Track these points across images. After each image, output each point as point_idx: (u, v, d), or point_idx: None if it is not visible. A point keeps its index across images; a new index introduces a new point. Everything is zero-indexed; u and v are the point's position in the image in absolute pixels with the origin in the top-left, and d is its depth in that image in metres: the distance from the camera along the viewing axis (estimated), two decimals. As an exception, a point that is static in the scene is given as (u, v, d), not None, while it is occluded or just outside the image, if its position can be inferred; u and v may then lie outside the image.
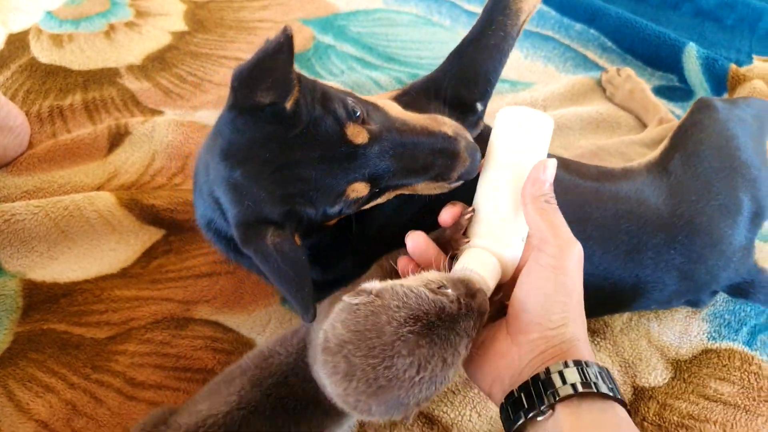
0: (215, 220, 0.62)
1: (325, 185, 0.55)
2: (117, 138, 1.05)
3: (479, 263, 0.53)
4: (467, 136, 0.58)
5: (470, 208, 0.58)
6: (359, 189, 0.56)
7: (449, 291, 0.47)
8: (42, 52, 1.24)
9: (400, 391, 0.44)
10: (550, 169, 0.52)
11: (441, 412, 0.72)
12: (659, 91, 1.19)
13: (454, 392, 0.74)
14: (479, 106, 0.73)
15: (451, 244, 0.57)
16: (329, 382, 0.46)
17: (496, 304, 0.55)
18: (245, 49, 1.26)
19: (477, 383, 0.54)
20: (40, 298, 0.84)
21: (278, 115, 0.53)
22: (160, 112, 1.12)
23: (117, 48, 1.26)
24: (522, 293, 0.50)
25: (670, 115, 1.07)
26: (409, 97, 0.73)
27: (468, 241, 0.56)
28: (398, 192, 0.61)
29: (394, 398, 0.44)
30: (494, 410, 0.73)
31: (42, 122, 1.10)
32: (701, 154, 0.77)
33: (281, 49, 0.50)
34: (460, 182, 0.58)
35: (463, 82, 0.72)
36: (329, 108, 0.54)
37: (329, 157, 0.54)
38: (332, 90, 0.58)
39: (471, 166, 0.56)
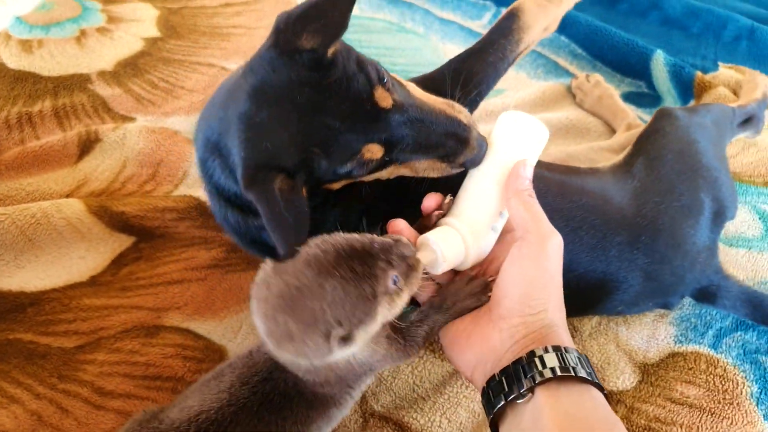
0: (214, 164, 0.63)
1: (345, 139, 0.56)
2: (87, 145, 1.04)
3: (439, 235, 0.56)
4: (477, 128, 0.61)
5: (449, 196, 0.62)
6: (374, 151, 0.58)
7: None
8: (11, 58, 1.22)
9: (313, 302, 0.46)
10: (529, 168, 0.56)
11: (411, 419, 0.72)
12: (628, 98, 1.21)
13: (423, 398, 0.74)
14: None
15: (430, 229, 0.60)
16: (257, 317, 0.49)
17: (475, 288, 0.58)
18: (218, 55, 1.26)
19: (459, 368, 0.57)
20: (6, 308, 0.82)
21: (316, 62, 0.55)
22: (131, 119, 1.11)
23: (88, 54, 1.24)
24: (505, 280, 0.53)
25: (638, 120, 1.09)
26: None
27: (442, 215, 0.61)
28: (402, 169, 0.63)
29: (308, 311, 0.46)
30: (464, 416, 0.73)
31: (10, 129, 1.08)
32: (663, 158, 0.80)
33: None
34: (461, 169, 0.62)
35: (458, 86, 0.75)
36: (363, 67, 0.57)
37: (355, 113, 0.56)
38: (363, 55, 0.61)
39: (477, 155, 0.59)
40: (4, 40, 1.25)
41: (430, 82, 0.75)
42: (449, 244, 0.55)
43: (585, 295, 0.73)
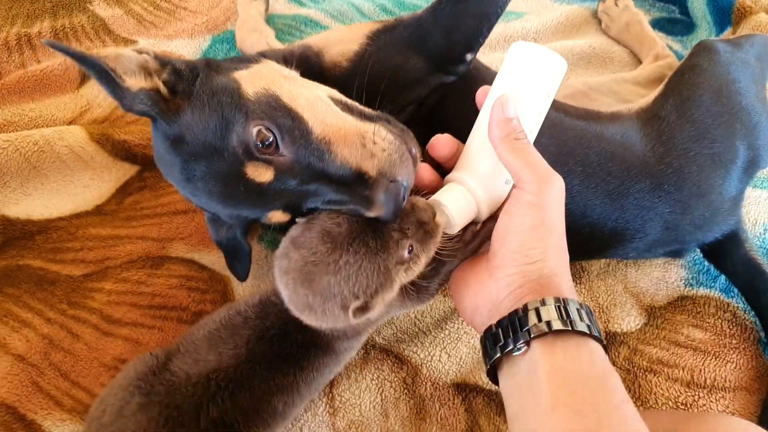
0: None
1: (242, 215, 0.55)
2: (88, 69, 1.01)
3: (450, 197, 0.52)
4: (396, 171, 0.50)
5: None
6: (277, 216, 0.54)
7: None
8: (9, -26, 1.17)
9: (329, 276, 0.47)
10: (510, 104, 0.50)
11: (411, 352, 0.73)
12: (658, 24, 1.12)
13: (424, 333, 0.75)
14: (469, 56, 0.69)
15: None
16: (280, 286, 0.51)
17: (481, 238, 0.55)
18: (223, -27, 1.19)
19: (459, 312, 0.56)
20: (15, 235, 0.83)
21: (168, 135, 0.52)
22: (133, 42, 1.07)
23: (87, -30, 1.19)
24: (501, 229, 0.50)
25: (666, 50, 1.01)
26: (390, 38, 0.69)
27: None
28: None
29: (325, 285, 0.48)
30: (464, 351, 0.73)
31: (10, 51, 1.05)
32: (698, 99, 0.73)
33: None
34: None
35: (453, 33, 0.68)
36: (226, 140, 0.50)
37: (232, 194, 0.52)
38: (241, 102, 0.52)
39: (387, 213, 0.49)
40: (0, -45, 1.19)
41: (418, 30, 0.68)
42: (460, 205, 0.52)
43: (598, 241, 0.71)
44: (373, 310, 0.50)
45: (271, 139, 0.50)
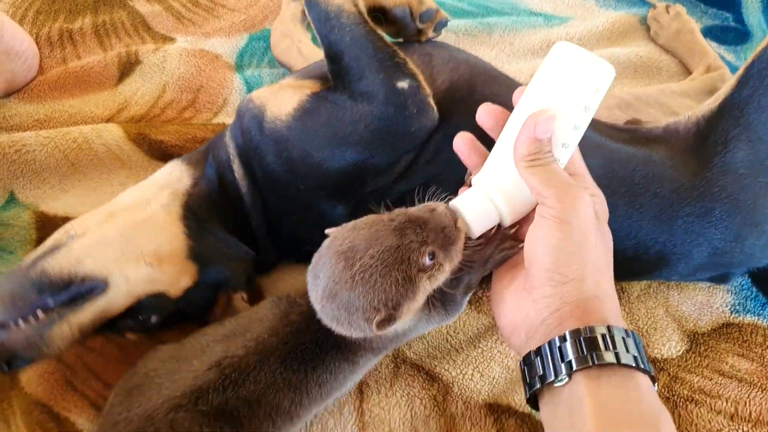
0: None
1: None
2: (127, 67, 1.01)
3: (467, 203, 0.51)
4: None
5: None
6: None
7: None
8: (52, -32, 1.18)
9: (350, 294, 0.48)
10: (543, 124, 0.46)
11: (442, 369, 0.71)
12: (710, 32, 1.08)
13: (457, 350, 0.73)
14: (400, 84, 0.65)
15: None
16: (311, 300, 0.53)
17: (506, 247, 0.54)
18: (263, -29, 1.18)
19: (499, 329, 0.54)
20: (52, 231, 0.83)
21: None
22: (171, 39, 1.07)
23: (128, -36, 1.19)
24: (531, 246, 0.48)
25: (719, 61, 0.97)
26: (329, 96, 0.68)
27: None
28: None
29: (345, 300, 0.49)
30: (497, 371, 0.71)
31: (52, 46, 1.06)
32: (757, 122, 0.68)
33: None
34: None
35: (365, 77, 0.66)
36: None
37: None
38: None
39: None
40: (44, -52, 1.21)
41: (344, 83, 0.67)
42: (478, 212, 0.50)
43: (642, 264, 0.69)
44: (399, 320, 0.50)
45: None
